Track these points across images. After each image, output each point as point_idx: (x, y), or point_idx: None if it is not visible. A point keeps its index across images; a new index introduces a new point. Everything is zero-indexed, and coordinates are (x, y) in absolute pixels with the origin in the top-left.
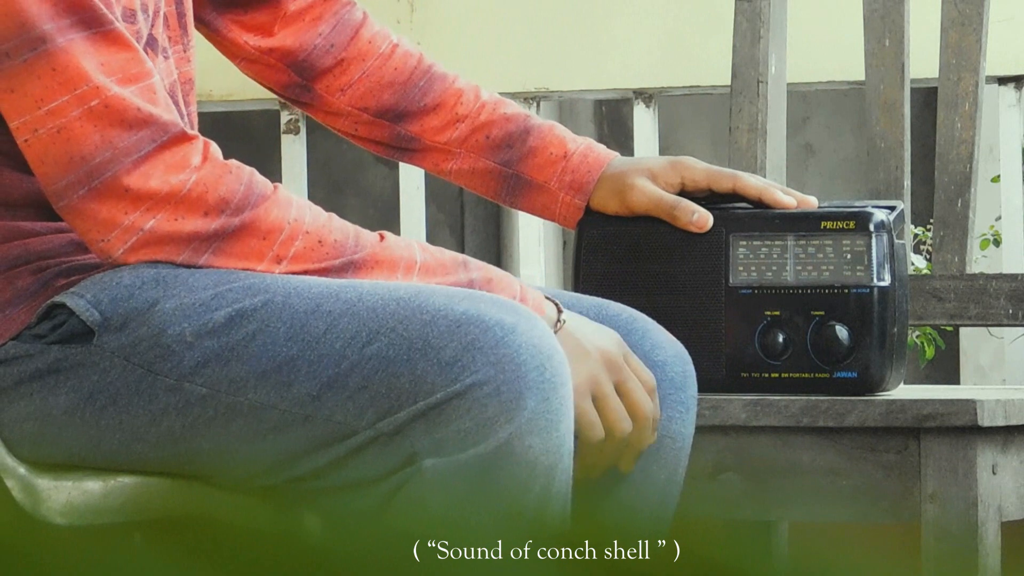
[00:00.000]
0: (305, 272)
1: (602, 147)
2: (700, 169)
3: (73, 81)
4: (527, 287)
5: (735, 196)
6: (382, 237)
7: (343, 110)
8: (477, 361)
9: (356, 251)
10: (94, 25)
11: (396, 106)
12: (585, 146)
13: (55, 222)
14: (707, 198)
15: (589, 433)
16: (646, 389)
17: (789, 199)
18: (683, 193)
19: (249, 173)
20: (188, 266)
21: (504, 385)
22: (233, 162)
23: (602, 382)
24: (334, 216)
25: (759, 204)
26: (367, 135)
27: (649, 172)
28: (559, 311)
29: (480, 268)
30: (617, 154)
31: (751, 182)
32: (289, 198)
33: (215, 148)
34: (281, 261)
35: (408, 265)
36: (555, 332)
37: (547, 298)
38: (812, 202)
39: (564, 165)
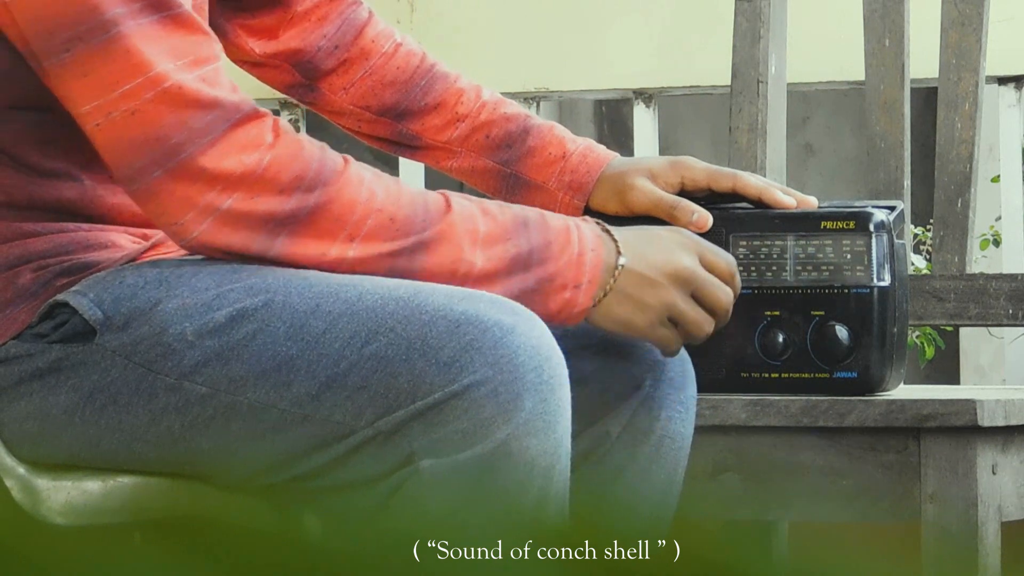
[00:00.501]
0: (378, 255)
1: (602, 148)
2: (700, 169)
3: (146, 63)
4: (585, 236)
5: (735, 196)
6: (447, 205)
7: (346, 109)
8: (475, 361)
9: (425, 227)
10: (164, 8)
11: (397, 105)
12: (585, 146)
13: (58, 223)
14: (707, 198)
15: (666, 351)
16: (725, 277)
17: (789, 199)
18: (683, 193)
19: (320, 148)
20: (262, 255)
21: (502, 386)
22: (304, 137)
23: (674, 303)
24: (402, 185)
25: (759, 204)
26: (370, 132)
27: (649, 172)
28: (618, 252)
29: (538, 228)
30: (617, 154)
31: (751, 181)
32: (360, 174)
33: (285, 123)
34: (353, 240)
35: (472, 238)
36: (615, 280)
37: (606, 233)
38: (812, 202)
39: (563, 165)
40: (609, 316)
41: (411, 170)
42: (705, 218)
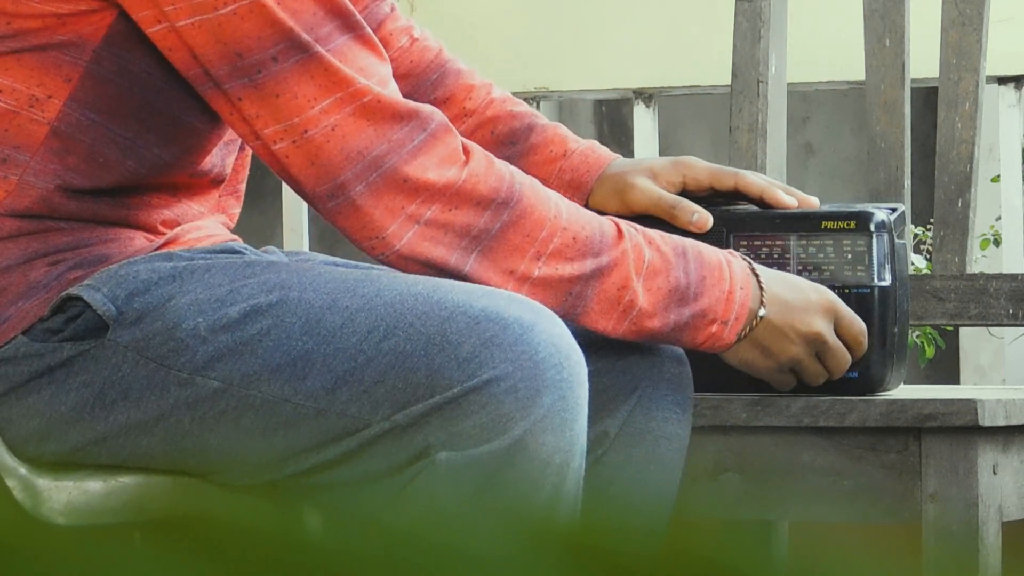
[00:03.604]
0: (559, 277)
1: (604, 149)
2: (702, 167)
3: (348, 79)
4: (735, 274)
5: (737, 194)
6: (619, 230)
7: None
8: (495, 357)
9: (601, 251)
10: (355, 28)
11: (409, 97)
12: (587, 146)
13: (78, 220)
14: (709, 197)
15: (777, 389)
16: (853, 344)
17: (791, 199)
18: (685, 192)
19: (506, 164)
20: (458, 269)
21: (521, 382)
22: (487, 152)
23: (800, 360)
24: (579, 207)
25: (761, 203)
26: None
27: (650, 171)
28: (761, 300)
29: (696, 259)
30: (620, 156)
31: (753, 180)
32: (547, 192)
33: (470, 143)
34: (540, 258)
35: (638, 268)
36: (753, 326)
37: (753, 274)
38: (814, 202)
39: (563, 164)
40: (737, 355)
41: None
42: (705, 219)
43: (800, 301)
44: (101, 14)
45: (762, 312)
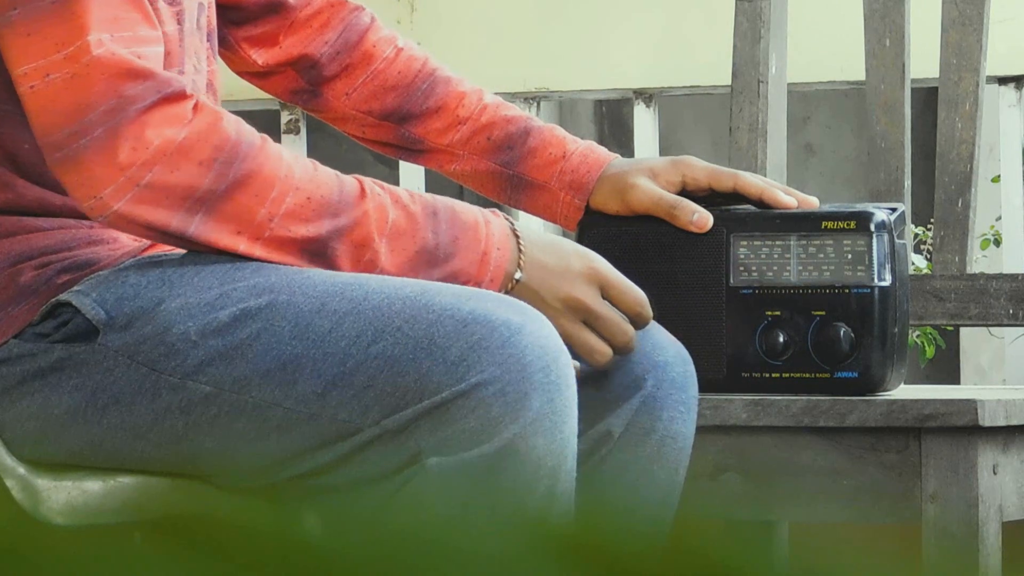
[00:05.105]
0: (292, 239)
1: (603, 148)
2: (701, 168)
3: (85, 27)
4: (493, 234)
5: (736, 195)
6: (362, 190)
7: (349, 114)
8: (483, 360)
9: (339, 211)
10: None
11: (400, 108)
12: (585, 147)
13: (60, 218)
14: (708, 197)
15: (587, 358)
16: (631, 313)
17: (790, 199)
18: (684, 192)
19: (236, 121)
20: (181, 232)
21: (509, 385)
22: (223, 110)
23: (563, 326)
24: (318, 165)
25: (760, 203)
26: (374, 137)
27: (650, 171)
28: (519, 264)
29: (449, 219)
30: (618, 155)
31: (752, 181)
32: (279, 150)
33: (206, 100)
34: (273, 218)
35: (381, 228)
36: (509, 290)
37: (514, 235)
38: (813, 202)
39: (563, 165)
40: None
41: (410, 172)
42: (705, 218)
43: (559, 267)
44: None
45: (518, 275)
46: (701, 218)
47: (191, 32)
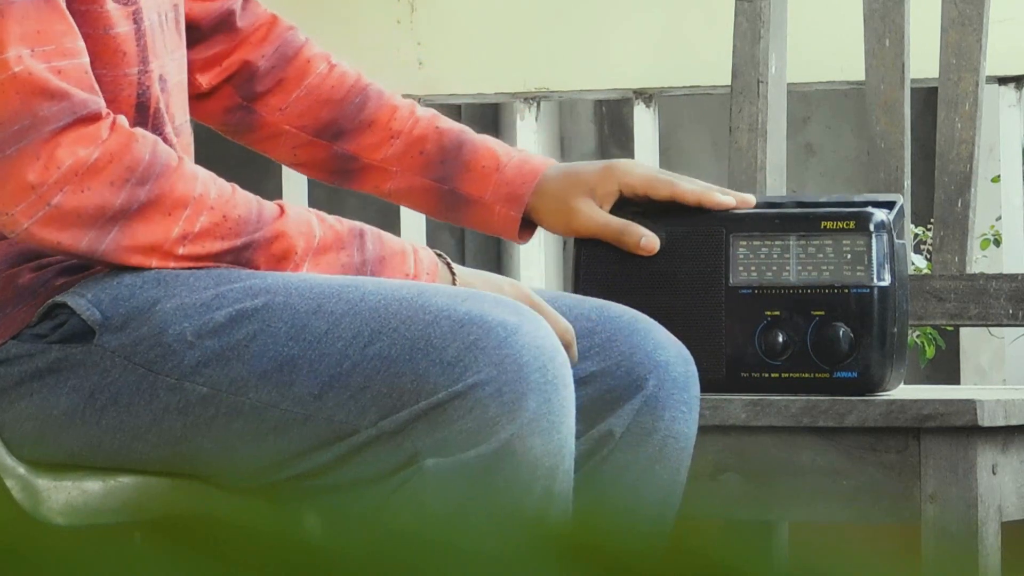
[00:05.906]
0: (207, 254)
1: (538, 157)
2: (637, 175)
3: (6, 44)
4: (422, 260)
5: (674, 204)
6: (282, 210)
7: (282, 129)
8: (479, 361)
9: (258, 228)
10: None
11: (333, 123)
12: (519, 158)
13: None
14: (647, 205)
15: None
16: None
17: (728, 199)
18: (622, 200)
19: (153, 141)
20: (91, 252)
21: (506, 386)
22: (139, 130)
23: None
24: (237, 188)
25: (699, 209)
26: (307, 159)
27: (588, 189)
28: (452, 276)
29: (376, 241)
30: (552, 161)
31: (688, 188)
32: (194, 170)
33: (122, 119)
34: (187, 237)
35: (308, 242)
36: None
37: (442, 261)
38: (750, 200)
39: (498, 178)
40: None
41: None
42: (653, 241)
43: (492, 290)
44: None
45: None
46: (648, 241)
47: (156, 30)
